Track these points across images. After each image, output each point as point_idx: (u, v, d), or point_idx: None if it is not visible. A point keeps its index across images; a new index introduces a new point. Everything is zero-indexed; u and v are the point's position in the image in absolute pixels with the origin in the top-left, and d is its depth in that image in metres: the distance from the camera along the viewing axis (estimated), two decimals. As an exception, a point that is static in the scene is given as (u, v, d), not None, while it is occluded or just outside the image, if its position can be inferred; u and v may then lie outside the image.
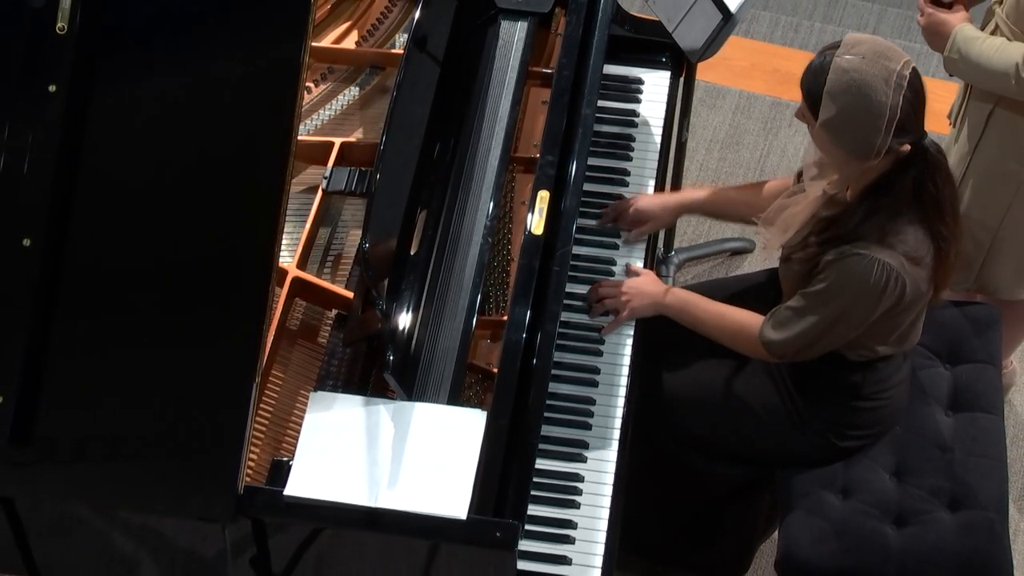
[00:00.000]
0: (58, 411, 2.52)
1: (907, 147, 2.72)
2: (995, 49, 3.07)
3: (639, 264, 3.08)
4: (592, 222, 3.11)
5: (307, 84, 3.14)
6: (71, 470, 2.51)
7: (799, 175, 3.02)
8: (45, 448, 2.51)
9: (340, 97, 3.21)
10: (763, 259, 3.87)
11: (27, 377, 2.50)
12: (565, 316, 2.93)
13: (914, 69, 2.71)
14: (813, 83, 2.73)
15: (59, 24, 2.53)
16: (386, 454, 2.54)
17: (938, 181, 2.79)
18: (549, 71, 3.19)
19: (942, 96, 3.62)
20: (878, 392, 2.99)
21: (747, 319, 2.95)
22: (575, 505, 2.73)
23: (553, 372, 2.82)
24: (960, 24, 3.12)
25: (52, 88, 2.53)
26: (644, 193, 3.16)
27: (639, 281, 3.01)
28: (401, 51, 3.06)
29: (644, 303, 2.98)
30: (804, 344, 2.85)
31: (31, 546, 2.60)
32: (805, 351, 2.87)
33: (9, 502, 2.54)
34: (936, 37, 3.16)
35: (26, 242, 2.51)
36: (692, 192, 3.22)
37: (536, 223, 2.90)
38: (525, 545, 2.63)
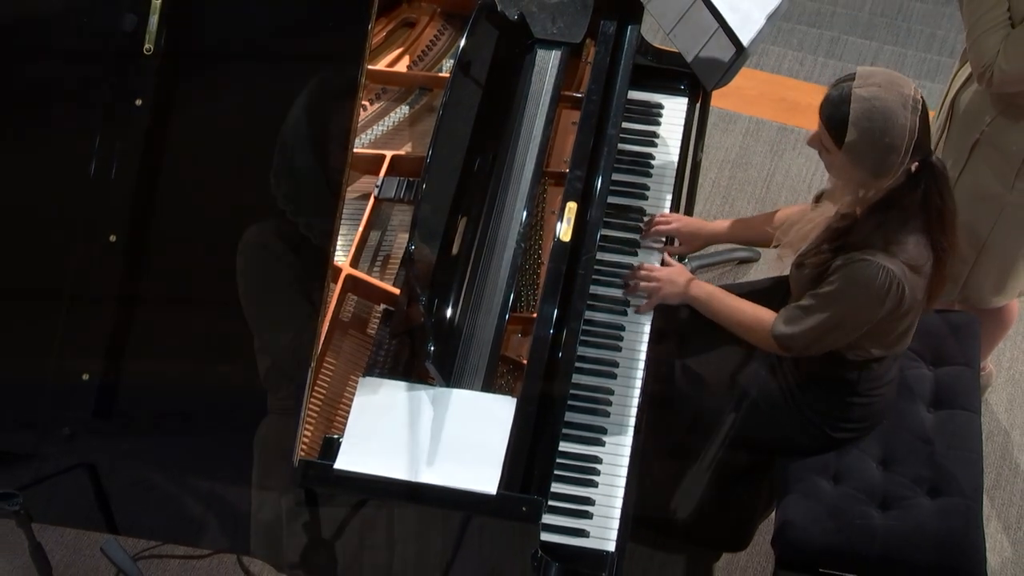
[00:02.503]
0: (136, 388, 2.54)
1: (916, 164, 2.71)
2: (990, 21, 3.03)
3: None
4: (614, 232, 3.12)
5: (363, 102, 3.16)
6: (147, 440, 2.53)
7: (817, 198, 3.02)
8: (124, 420, 2.53)
9: (392, 114, 3.22)
10: (776, 269, 3.87)
11: (109, 358, 2.53)
12: (588, 315, 2.93)
13: (920, 93, 2.71)
14: (835, 112, 2.70)
15: (146, 46, 2.55)
16: (426, 434, 2.54)
17: (944, 195, 2.78)
18: (579, 95, 3.20)
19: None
20: (871, 390, 2.99)
21: (762, 314, 2.95)
22: (594, 484, 2.72)
23: (576, 365, 2.82)
24: None
25: (138, 102, 2.55)
26: (680, 216, 3.14)
27: (671, 271, 3.01)
28: (447, 75, 3.08)
29: (674, 291, 2.98)
30: (811, 340, 2.84)
31: (112, 508, 2.63)
32: (811, 347, 2.87)
33: (93, 468, 2.56)
34: None
35: (112, 238, 2.54)
36: (718, 225, 3.19)
37: (564, 231, 2.90)
38: (548, 519, 2.62)
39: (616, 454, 2.77)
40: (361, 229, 2.96)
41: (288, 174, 2.54)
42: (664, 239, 3.11)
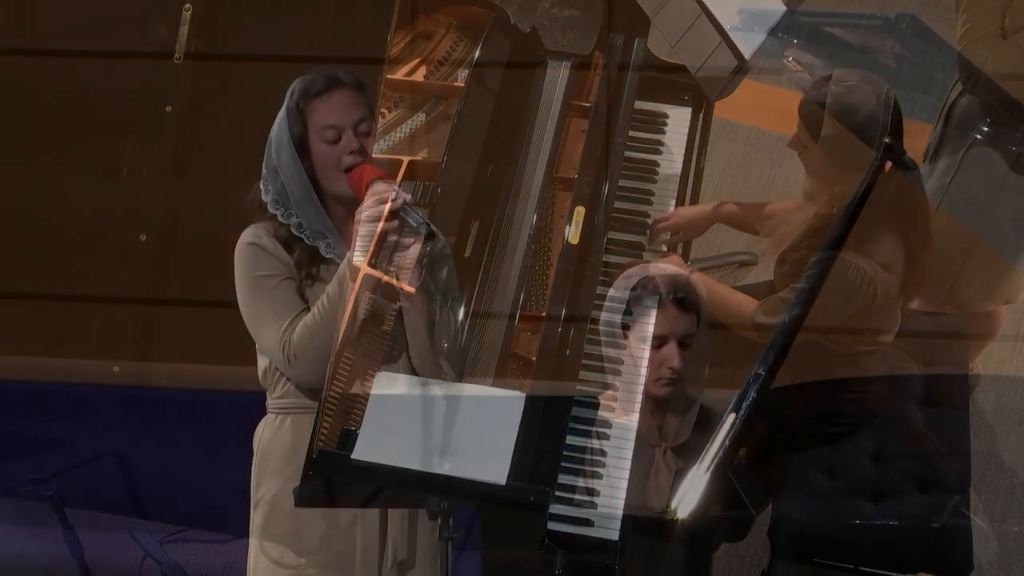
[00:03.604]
0: (163, 381, 2.55)
1: (889, 163, 2.72)
2: (983, 29, 3.04)
3: (660, 266, 3.09)
4: (620, 235, 3.13)
5: (382, 110, 3.17)
6: (173, 430, 2.55)
7: None
8: (152, 411, 2.55)
9: (409, 122, 3.23)
10: (764, 266, 3.88)
11: (139, 352, 2.54)
12: (595, 315, 2.94)
13: (893, 92, 2.72)
14: (812, 108, 2.73)
15: (176, 55, 2.57)
16: (439, 427, 2.54)
17: (917, 192, 2.79)
18: (588, 104, 3.21)
19: (922, 135, 3.61)
20: (862, 386, 3.00)
21: (745, 303, 2.98)
22: (598, 476, 2.73)
23: (583, 362, 2.83)
24: None
25: (168, 108, 2.56)
26: (676, 210, 3.16)
27: (661, 262, 3.02)
28: (462, 84, 3.09)
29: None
30: (787, 330, 2.86)
31: (140, 494, 2.64)
32: (788, 336, 2.88)
33: (122, 455, 2.57)
34: None
35: (142, 237, 2.55)
36: (719, 206, 3.21)
37: (573, 234, 2.91)
38: (554, 508, 2.63)
39: (620, 447, 2.78)
40: (378, 231, 2.96)
41: (274, 175, 2.54)
42: (668, 237, 3.13)
